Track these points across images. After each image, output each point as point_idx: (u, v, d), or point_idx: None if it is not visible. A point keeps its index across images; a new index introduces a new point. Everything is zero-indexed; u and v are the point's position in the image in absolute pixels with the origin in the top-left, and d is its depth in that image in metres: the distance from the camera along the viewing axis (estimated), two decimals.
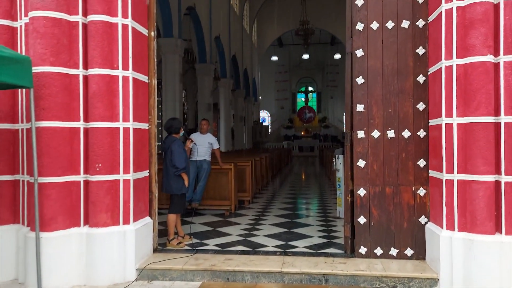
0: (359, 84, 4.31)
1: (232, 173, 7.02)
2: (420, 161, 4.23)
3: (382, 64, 4.29)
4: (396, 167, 4.27)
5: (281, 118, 37.12)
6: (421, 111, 4.23)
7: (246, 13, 26.42)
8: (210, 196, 7.11)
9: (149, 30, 4.59)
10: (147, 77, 4.55)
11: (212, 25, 16.62)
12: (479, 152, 3.55)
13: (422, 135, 4.23)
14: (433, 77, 4.02)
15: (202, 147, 6.94)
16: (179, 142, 4.79)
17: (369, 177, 4.30)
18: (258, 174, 9.86)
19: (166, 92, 12.26)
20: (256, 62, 30.54)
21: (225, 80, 19.82)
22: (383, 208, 4.27)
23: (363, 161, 4.31)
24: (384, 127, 4.28)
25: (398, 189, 4.26)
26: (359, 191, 4.31)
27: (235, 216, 6.75)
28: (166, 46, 12.15)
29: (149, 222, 4.48)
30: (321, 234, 5.44)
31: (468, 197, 3.62)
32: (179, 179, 4.76)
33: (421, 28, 4.22)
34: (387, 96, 4.27)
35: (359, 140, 4.32)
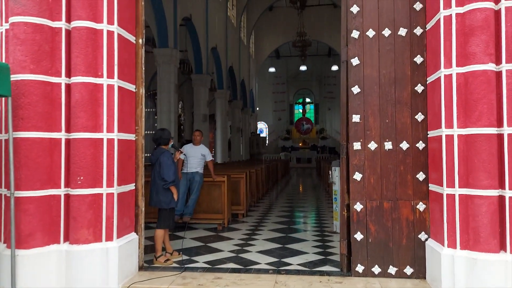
0: (355, 93, 4.14)
1: (225, 185, 6.80)
2: (419, 174, 4.04)
3: (378, 73, 4.12)
4: (394, 181, 4.07)
5: (278, 130, 37.01)
6: (420, 122, 4.05)
7: (243, 25, 26.46)
8: (203, 209, 6.88)
9: (137, 37, 4.42)
10: (134, 86, 4.37)
11: (208, 36, 16.56)
12: (482, 165, 3.36)
13: (421, 147, 4.04)
14: (432, 86, 3.85)
15: (195, 159, 6.74)
16: (168, 154, 4.59)
17: (366, 191, 4.10)
18: (254, 186, 9.64)
19: (161, 102, 12.10)
20: (253, 73, 30.53)
21: (221, 91, 19.71)
22: (381, 224, 4.06)
23: (360, 174, 4.11)
24: (381, 138, 4.09)
25: (397, 204, 4.05)
26: (355, 205, 4.10)
27: (228, 231, 6.51)
28: (161, 57, 12.03)
29: (134, 238, 4.25)
30: (317, 250, 5.20)
31: (470, 212, 3.41)
32: (168, 193, 4.55)
33: (418, 36, 4.06)
34: (384, 106, 4.10)
35: (355, 152, 4.12)
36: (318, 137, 35.87)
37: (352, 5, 4.17)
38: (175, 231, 6.29)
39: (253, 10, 27.41)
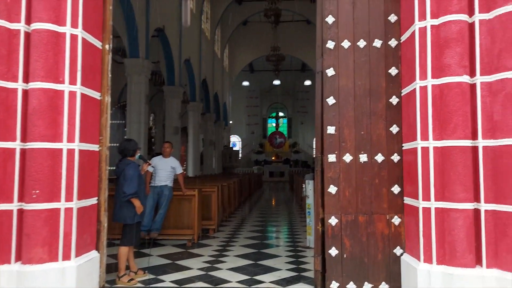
0: (330, 104, 4.05)
1: (196, 199, 6.55)
2: (394, 187, 3.96)
3: (354, 84, 4.06)
4: (370, 194, 3.97)
5: (251, 143, 36.92)
6: (395, 134, 4.00)
7: (217, 38, 26.44)
8: (172, 224, 6.58)
9: (104, 43, 4.19)
10: (99, 94, 4.12)
11: (182, 48, 16.35)
12: (457, 178, 3.31)
13: (396, 160, 3.98)
14: (407, 98, 3.81)
15: (164, 172, 6.47)
16: (134, 165, 4.34)
17: (341, 204, 3.98)
18: (226, 200, 9.40)
19: (131, 114, 11.73)
20: (227, 86, 30.45)
21: (194, 104, 19.44)
22: (356, 239, 3.94)
23: (335, 187, 4.00)
24: (356, 150, 4.01)
25: (372, 218, 3.95)
26: (330, 219, 3.97)
27: (198, 247, 6.23)
28: (132, 67, 11.72)
29: (95, 256, 3.94)
30: (290, 266, 5.03)
31: (446, 226, 3.34)
32: (132, 207, 4.28)
33: (393, 48, 4.04)
34: (360, 118, 4.03)
35: (330, 164, 4.01)
36: (291, 151, 36.00)
37: (328, 16, 4.11)
38: (141, 248, 5.96)
39: (228, 24, 27.45)
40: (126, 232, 4.36)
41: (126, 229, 4.35)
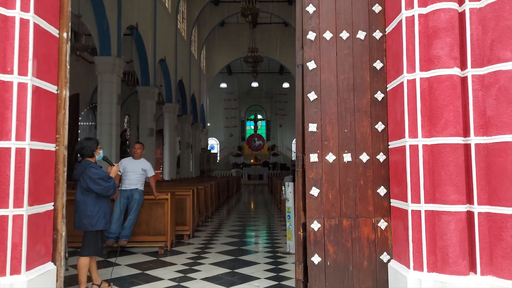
0: (312, 100, 3.76)
1: (168, 204, 6.14)
2: (380, 188, 3.70)
3: (336, 78, 3.78)
4: (354, 196, 3.69)
5: (230, 146, 36.53)
6: (380, 132, 3.74)
7: (194, 39, 25.98)
8: (143, 231, 6.15)
9: (61, 31, 3.77)
10: (56, 87, 3.69)
11: (156, 47, 15.85)
12: (449, 178, 3.06)
13: (382, 159, 3.71)
14: (393, 93, 3.55)
15: (134, 174, 6.04)
16: (96, 165, 3.92)
17: (324, 208, 3.68)
18: (202, 204, 9.01)
19: (102, 114, 11.17)
20: (204, 88, 29.99)
21: (170, 105, 18.92)
22: (340, 245, 3.65)
23: (317, 189, 3.70)
24: (340, 149, 3.72)
25: (357, 222, 3.67)
26: (312, 224, 3.67)
27: (171, 254, 5.83)
28: (102, 65, 11.17)
29: (51, 269, 3.50)
30: (269, 274, 4.70)
31: (438, 230, 3.09)
32: (94, 212, 3.86)
33: (378, 40, 3.79)
34: (343, 115, 3.75)
35: (312, 164, 3.71)
36: (269, 154, 35.81)
37: (308, 4, 3.83)
38: (109, 257, 5.51)
39: (205, 24, 27.06)
40: (87, 240, 3.94)
41: (87, 237, 3.93)
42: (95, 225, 3.87)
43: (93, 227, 3.87)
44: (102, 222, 3.92)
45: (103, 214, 3.96)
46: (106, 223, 3.99)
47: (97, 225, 3.89)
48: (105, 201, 4.00)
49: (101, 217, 3.92)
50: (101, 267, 4.83)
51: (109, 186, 3.90)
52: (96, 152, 3.99)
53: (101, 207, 3.96)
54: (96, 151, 3.99)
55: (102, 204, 3.97)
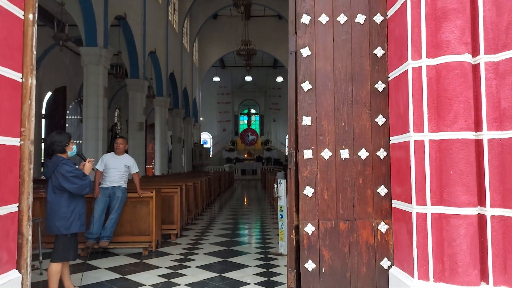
0: (306, 90, 3.41)
1: (153, 202, 5.78)
2: (381, 188, 3.37)
3: (333, 66, 3.43)
4: (352, 196, 3.36)
5: (223, 141, 36.14)
6: (381, 126, 3.40)
7: (186, 31, 25.45)
8: (126, 231, 5.79)
9: (27, 12, 3.37)
10: (21, 75, 3.30)
11: (146, 38, 15.37)
12: (459, 177, 2.74)
13: (383, 156, 3.38)
14: (396, 83, 3.22)
15: (116, 171, 5.67)
16: (68, 162, 3.55)
17: (319, 209, 3.35)
18: (191, 201, 8.66)
19: (88, 107, 10.73)
20: (197, 82, 29.50)
21: (161, 98, 18.45)
22: (336, 250, 3.32)
23: (311, 188, 3.36)
24: (336, 145, 3.39)
25: (355, 225, 3.35)
26: (306, 227, 3.34)
27: (156, 256, 5.48)
28: (88, 56, 10.71)
29: (15, 277, 3.13)
30: (260, 279, 4.37)
31: (446, 236, 2.77)
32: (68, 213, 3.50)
33: (379, 25, 3.44)
34: (340, 107, 3.41)
35: (305, 161, 3.37)
36: (263, 149, 35.51)
37: None
38: (91, 259, 5.15)
39: (197, 17, 26.55)
40: (59, 244, 3.58)
41: (60, 241, 3.57)
42: (69, 227, 3.52)
43: (68, 230, 3.51)
44: (78, 224, 3.56)
45: (78, 215, 3.61)
46: (82, 225, 3.63)
47: (71, 228, 3.53)
48: (80, 201, 3.64)
49: (76, 218, 3.56)
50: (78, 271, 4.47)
51: (84, 185, 3.55)
52: (68, 148, 3.61)
53: (76, 207, 3.61)
54: (68, 147, 3.61)
55: (77, 204, 3.62)
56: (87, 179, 3.58)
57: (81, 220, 3.64)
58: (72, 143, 3.63)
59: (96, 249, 5.50)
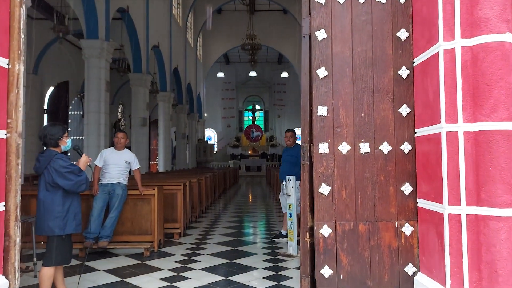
0: (321, 77, 3.08)
1: (155, 200, 5.48)
2: (405, 186, 3.04)
3: (351, 51, 3.10)
4: (373, 195, 3.04)
5: (227, 137, 35.86)
6: (405, 116, 3.07)
7: (190, 26, 25.11)
8: (126, 230, 5.49)
9: None
10: (7, 61, 2.99)
11: (149, 32, 15.05)
12: (499, 174, 2.41)
13: (407, 150, 3.05)
14: (423, 68, 2.88)
15: (116, 167, 5.36)
16: (62, 157, 3.25)
17: (336, 209, 3.03)
18: (196, 199, 8.36)
19: (89, 102, 10.44)
20: (201, 77, 29.18)
21: (165, 93, 18.14)
22: (355, 254, 3.00)
23: (327, 186, 3.04)
24: (355, 138, 3.06)
25: (376, 226, 3.02)
26: (322, 229, 3.02)
27: (158, 257, 5.18)
28: (89, 49, 10.41)
29: (1, 284, 2.85)
30: (269, 283, 4.05)
31: (483, 240, 2.44)
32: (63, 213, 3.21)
33: (402, 4, 3.10)
34: (359, 95, 3.07)
35: (321, 156, 3.05)
36: (268, 145, 35.20)
37: None
38: (88, 260, 4.87)
39: (201, 11, 26.16)
40: (52, 247, 3.28)
41: (53, 242, 3.27)
42: (64, 227, 3.22)
43: (62, 231, 3.21)
44: (73, 224, 3.26)
45: (73, 214, 3.31)
46: (78, 225, 3.32)
47: (67, 228, 3.23)
48: (75, 199, 3.34)
49: (72, 217, 3.26)
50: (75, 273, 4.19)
51: (80, 181, 3.24)
52: (61, 141, 3.30)
53: (71, 205, 3.31)
54: (61, 140, 3.30)
55: (73, 202, 3.31)
56: (83, 175, 3.28)
57: (76, 220, 3.34)
58: (67, 136, 3.32)
59: (95, 250, 5.22)
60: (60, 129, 3.32)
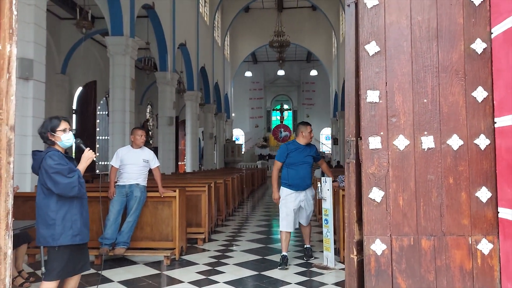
0: (371, 55, 2.46)
1: (176, 202, 5.00)
2: (481, 191, 2.38)
3: (410, 20, 2.46)
4: (439, 202, 2.39)
5: (255, 137, 35.45)
6: (480, 102, 2.40)
7: (217, 24, 24.81)
8: (146, 235, 5.05)
9: None
10: None
11: (176, 30, 14.76)
12: None
13: (484, 145, 2.39)
14: (506, 39, 2.21)
15: (134, 167, 4.93)
16: (55, 155, 2.78)
17: (391, 219, 2.40)
18: (222, 201, 7.87)
19: (114, 100, 10.18)
20: (228, 77, 28.87)
21: (192, 93, 17.85)
22: (417, 277, 2.36)
23: (380, 190, 2.42)
24: (416, 130, 2.42)
25: (444, 242, 2.37)
26: (373, 244, 2.40)
27: (179, 266, 4.70)
28: (114, 46, 10.15)
29: None
30: None
31: None
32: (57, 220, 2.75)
33: None
34: (420, 76, 2.44)
35: (372, 153, 2.43)
36: None
37: None
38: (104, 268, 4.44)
39: (228, 10, 25.86)
40: (48, 259, 2.83)
41: (48, 254, 2.82)
42: (58, 238, 2.75)
43: (55, 241, 2.75)
44: (69, 234, 2.78)
45: (70, 222, 2.81)
46: (75, 235, 2.83)
47: (61, 239, 2.76)
48: (74, 205, 2.85)
49: (68, 227, 2.79)
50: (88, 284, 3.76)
51: (70, 184, 2.73)
52: (54, 137, 2.84)
53: (68, 213, 2.81)
54: (53, 136, 2.83)
55: (70, 209, 2.82)
56: (73, 177, 2.74)
57: (74, 229, 2.83)
58: (63, 131, 2.83)
59: (111, 257, 4.79)
60: (55, 121, 2.85)
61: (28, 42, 6.08)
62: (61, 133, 2.81)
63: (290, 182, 4.68)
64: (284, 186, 4.74)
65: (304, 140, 4.76)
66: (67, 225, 2.76)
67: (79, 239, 2.81)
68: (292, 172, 4.67)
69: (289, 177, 4.67)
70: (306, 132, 4.76)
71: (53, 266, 2.78)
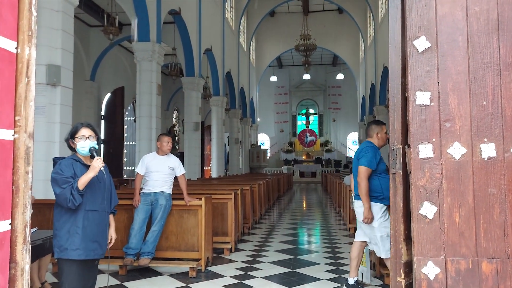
0: (421, 51, 2.18)
1: (202, 211, 4.81)
2: None
3: (465, 11, 2.17)
4: (502, 220, 2.07)
5: (280, 142, 35.16)
6: None
7: (242, 29, 24.77)
8: (171, 245, 4.87)
9: None
10: (15, 43, 2.43)
11: (202, 35, 14.75)
12: None
13: None
14: None
15: (160, 174, 4.78)
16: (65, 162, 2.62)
17: (445, 239, 2.10)
18: (248, 208, 7.65)
19: (141, 106, 10.18)
20: (254, 81, 28.76)
21: (218, 98, 17.81)
22: None
23: (432, 205, 2.12)
24: (473, 136, 2.12)
25: (508, 266, 2.05)
26: (425, 267, 2.10)
27: (205, 278, 4.50)
28: (141, 52, 10.16)
29: None
30: None
31: None
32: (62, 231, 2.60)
33: None
34: (479, 75, 2.13)
35: (422, 162, 2.14)
36: (322, 150, 34.01)
37: None
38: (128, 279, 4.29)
39: (254, 14, 25.79)
40: (61, 271, 2.66)
41: (60, 265, 2.66)
42: (63, 250, 2.59)
43: (61, 253, 2.59)
44: (69, 247, 2.56)
45: (68, 235, 2.60)
46: (75, 249, 2.57)
47: (68, 252, 2.57)
48: (78, 216, 2.61)
49: (66, 239, 2.57)
50: None
51: (60, 195, 2.51)
52: (73, 143, 2.69)
53: (73, 225, 2.60)
54: (73, 142, 2.69)
55: (74, 221, 2.60)
56: (65, 188, 2.52)
57: (73, 243, 2.56)
58: (79, 138, 2.66)
59: (136, 267, 4.64)
60: (72, 129, 2.72)
61: (56, 48, 6.07)
62: (78, 140, 2.66)
63: (385, 195, 3.69)
64: (376, 201, 3.73)
65: (381, 142, 3.92)
66: (66, 237, 2.59)
67: (78, 254, 2.59)
68: (385, 182, 3.70)
69: (383, 188, 3.72)
70: (382, 133, 3.92)
71: (63, 279, 2.63)
